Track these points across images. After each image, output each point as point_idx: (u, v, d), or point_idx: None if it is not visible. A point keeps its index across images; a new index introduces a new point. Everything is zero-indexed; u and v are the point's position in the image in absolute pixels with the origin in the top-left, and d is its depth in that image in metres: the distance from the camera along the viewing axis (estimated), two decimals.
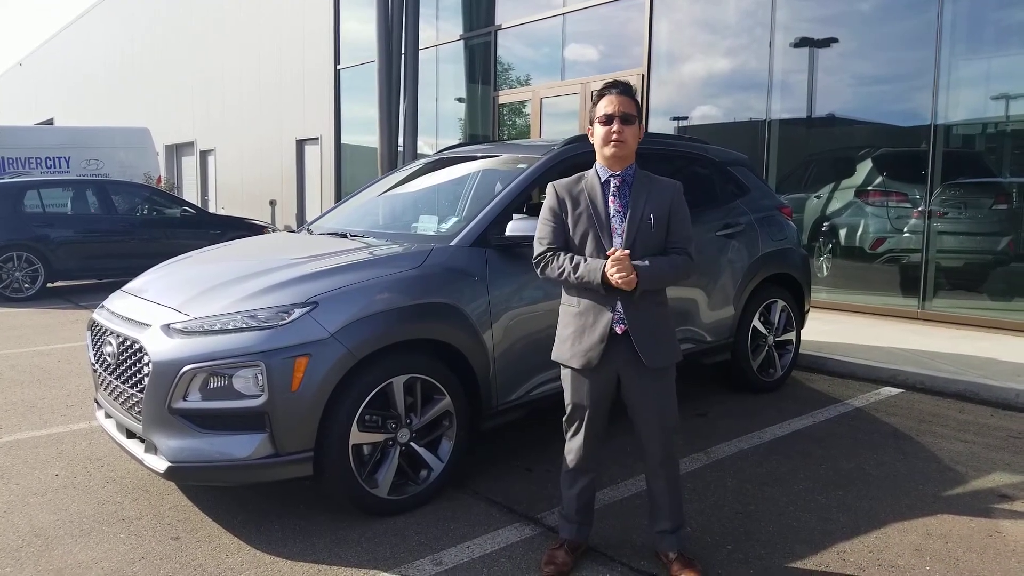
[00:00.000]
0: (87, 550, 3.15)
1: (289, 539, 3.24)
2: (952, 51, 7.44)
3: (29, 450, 4.32)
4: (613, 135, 2.81)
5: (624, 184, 2.88)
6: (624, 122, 2.81)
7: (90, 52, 29.55)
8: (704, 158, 5.37)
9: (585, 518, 3.08)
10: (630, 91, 2.89)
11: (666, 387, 2.91)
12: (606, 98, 2.85)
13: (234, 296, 3.39)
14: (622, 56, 10.66)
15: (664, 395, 2.91)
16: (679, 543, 2.97)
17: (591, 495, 3.08)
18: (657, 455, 2.94)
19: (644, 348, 2.82)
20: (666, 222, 2.87)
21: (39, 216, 10.49)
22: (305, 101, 17.32)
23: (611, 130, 2.81)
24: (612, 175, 2.88)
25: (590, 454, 2.99)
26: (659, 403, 2.89)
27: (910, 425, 4.75)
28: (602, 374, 2.88)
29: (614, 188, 2.87)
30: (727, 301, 5.09)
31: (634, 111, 2.85)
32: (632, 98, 2.87)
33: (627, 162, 2.89)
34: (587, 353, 2.85)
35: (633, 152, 2.89)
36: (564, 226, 2.89)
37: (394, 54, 12.13)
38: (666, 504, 2.97)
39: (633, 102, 2.86)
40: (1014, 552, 3.14)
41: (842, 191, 8.49)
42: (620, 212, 2.85)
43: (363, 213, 5.08)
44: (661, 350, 2.86)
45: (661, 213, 2.86)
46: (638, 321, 2.82)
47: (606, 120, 2.82)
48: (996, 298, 7.38)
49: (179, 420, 3.16)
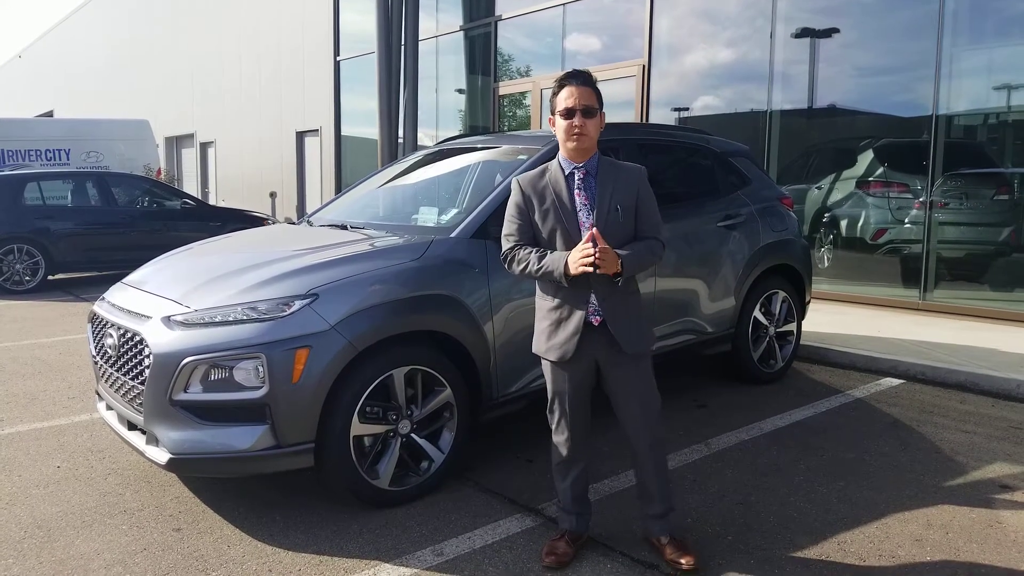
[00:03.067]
0: (89, 542, 3.15)
1: (291, 530, 3.25)
2: (954, 41, 7.41)
3: (31, 442, 4.32)
4: (575, 129, 2.79)
5: (589, 175, 2.86)
6: (585, 115, 2.78)
7: (90, 44, 29.47)
8: (705, 149, 5.36)
9: (583, 508, 3.09)
10: (590, 81, 2.85)
11: (644, 371, 2.94)
12: (566, 89, 2.81)
13: (235, 288, 3.39)
14: (623, 47, 10.62)
15: (644, 379, 2.93)
16: (669, 527, 3.00)
17: (584, 485, 3.10)
18: (644, 439, 2.95)
19: (622, 335, 2.84)
20: (634, 210, 2.86)
21: (39, 208, 10.47)
22: (305, 93, 17.28)
23: (572, 124, 2.79)
24: (576, 167, 2.86)
25: (576, 444, 3.00)
26: (640, 387, 2.92)
27: (911, 416, 4.76)
28: (580, 365, 2.89)
29: (579, 180, 2.86)
30: (728, 292, 5.08)
31: (595, 102, 2.82)
32: (592, 88, 2.84)
33: (590, 153, 2.87)
34: (563, 346, 2.86)
35: (595, 142, 2.86)
36: (531, 222, 2.88)
37: (394, 45, 12.09)
38: (655, 488, 2.99)
39: (593, 92, 2.83)
40: (1015, 542, 3.14)
41: (843, 182, 8.47)
42: (586, 205, 2.84)
43: (363, 205, 5.07)
44: (638, 336, 2.89)
45: (628, 202, 2.85)
46: (613, 310, 2.83)
47: (567, 114, 2.80)
48: (997, 289, 7.37)
49: (180, 412, 3.16)
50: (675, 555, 2.91)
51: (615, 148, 4.40)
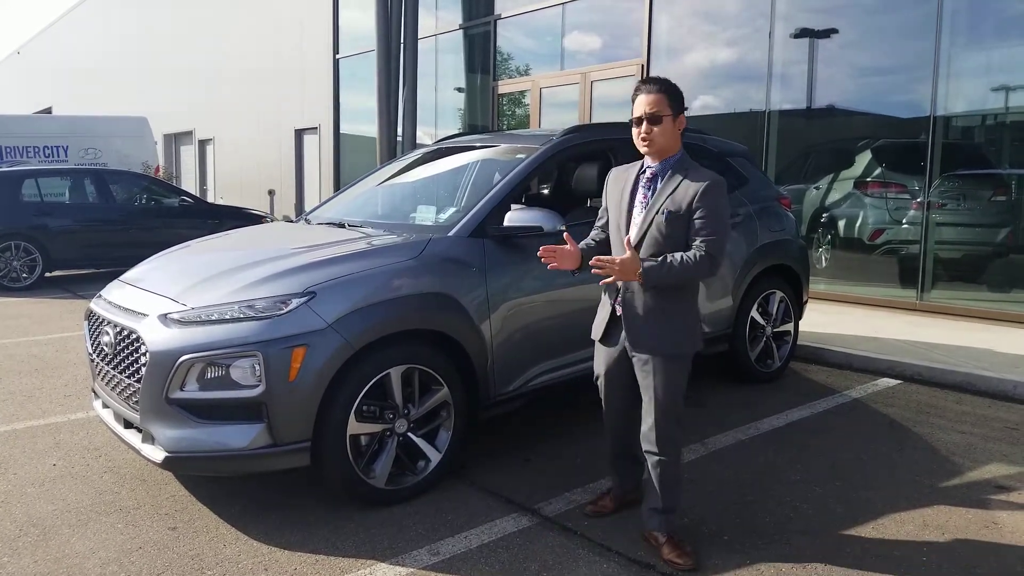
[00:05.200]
0: (84, 540, 3.15)
1: (286, 529, 3.24)
2: (952, 42, 7.41)
3: (27, 440, 4.32)
4: (642, 136, 2.93)
5: (656, 176, 2.96)
6: (652, 123, 2.89)
7: (88, 41, 29.42)
8: (703, 148, 5.34)
9: (622, 472, 3.36)
10: (662, 86, 2.92)
11: (662, 372, 2.93)
12: (639, 98, 2.94)
13: (231, 286, 3.38)
14: (622, 46, 10.61)
15: (657, 378, 2.94)
16: (666, 525, 3.03)
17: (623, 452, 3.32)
18: (648, 436, 3.01)
19: (631, 332, 2.97)
20: (686, 218, 2.85)
21: (37, 205, 10.45)
22: (304, 90, 17.26)
23: (640, 132, 2.93)
24: (649, 167, 2.99)
25: (610, 417, 3.25)
26: (653, 387, 2.95)
27: (908, 416, 4.76)
28: (614, 349, 3.08)
29: (645, 180, 2.99)
30: (725, 292, 5.08)
31: (664, 108, 2.88)
32: (664, 93, 2.90)
33: (666, 153, 2.95)
34: (597, 327, 3.14)
35: (669, 143, 2.92)
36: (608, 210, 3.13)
37: (393, 43, 12.07)
38: (653, 486, 3.04)
39: (666, 97, 2.90)
40: (1010, 543, 3.15)
41: (841, 182, 8.48)
42: (643, 203, 2.96)
43: (361, 203, 5.06)
44: (649, 337, 2.93)
45: (680, 209, 2.85)
46: (631, 307, 2.95)
47: (636, 122, 2.94)
48: (994, 289, 7.38)
49: (176, 410, 3.15)
50: (672, 555, 2.93)
51: (612, 147, 4.40)
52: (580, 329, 4.02)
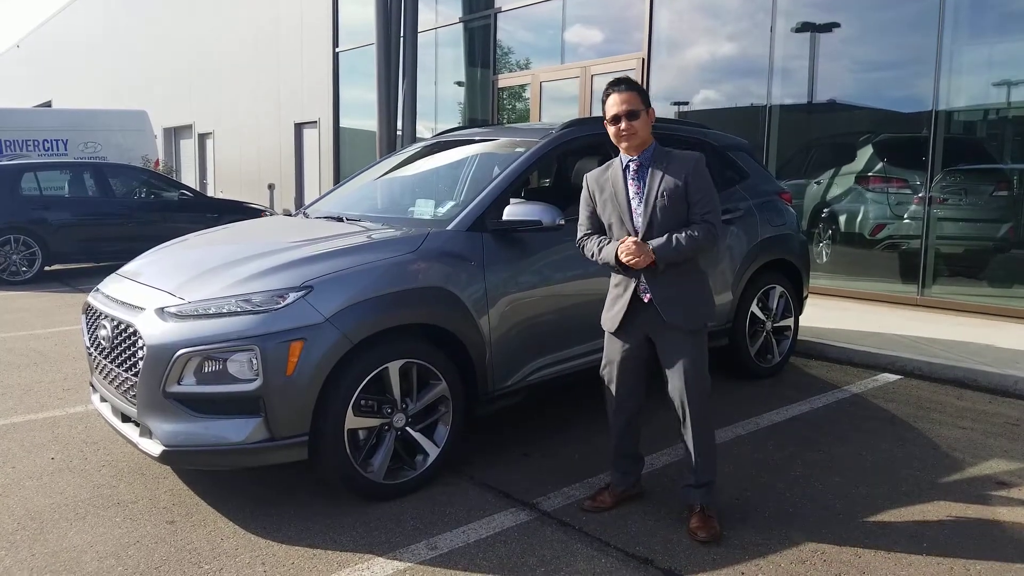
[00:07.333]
0: (82, 534, 3.14)
1: (284, 523, 3.24)
2: (954, 37, 7.38)
3: (25, 433, 4.31)
4: (622, 132, 3.09)
5: (642, 166, 3.14)
6: (630, 118, 3.07)
7: (88, 34, 29.36)
8: (703, 143, 5.32)
9: (624, 466, 3.39)
10: (632, 85, 3.13)
11: (692, 347, 3.12)
12: (611, 98, 3.13)
13: (229, 280, 3.37)
14: (623, 40, 10.58)
15: (689, 354, 3.11)
16: (702, 498, 3.17)
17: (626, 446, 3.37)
18: (684, 412, 3.14)
19: (666, 310, 3.09)
20: (684, 196, 3.06)
21: (36, 199, 10.44)
22: (304, 84, 17.22)
23: (619, 128, 3.09)
24: (631, 160, 3.15)
25: (617, 408, 3.31)
26: (684, 362, 3.10)
27: (908, 411, 4.75)
28: (629, 338, 3.21)
29: (633, 172, 3.15)
30: (725, 286, 5.06)
31: (638, 104, 3.09)
32: (635, 91, 3.11)
33: (644, 146, 3.14)
34: (613, 319, 3.21)
35: (647, 135, 3.13)
36: (595, 213, 3.25)
37: (393, 37, 12.03)
38: (689, 461, 3.18)
39: (636, 94, 3.10)
40: (1011, 539, 3.14)
41: (842, 177, 8.45)
42: (639, 194, 3.12)
43: (360, 197, 5.05)
44: (683, 312, 3.11)
45: (677, 189, 3.05)
46: (660, 289, 3.10)
47: (613, 120, 3.11)
48: (995, 285, 7.36)
49: (174, 404, 3.15)
50: (696, 524, 3.10)
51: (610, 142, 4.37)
52: (579, 324, 4.04)
